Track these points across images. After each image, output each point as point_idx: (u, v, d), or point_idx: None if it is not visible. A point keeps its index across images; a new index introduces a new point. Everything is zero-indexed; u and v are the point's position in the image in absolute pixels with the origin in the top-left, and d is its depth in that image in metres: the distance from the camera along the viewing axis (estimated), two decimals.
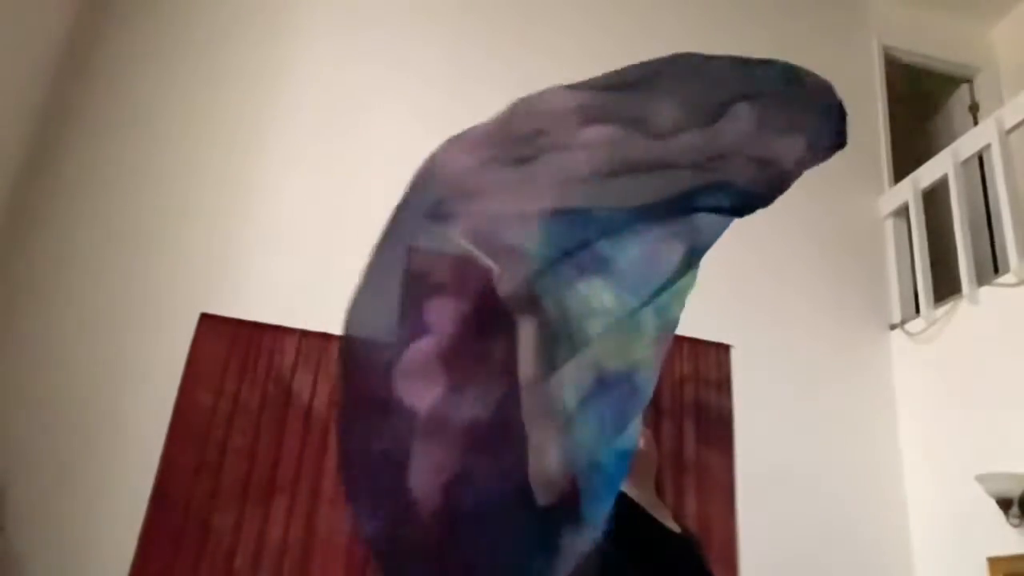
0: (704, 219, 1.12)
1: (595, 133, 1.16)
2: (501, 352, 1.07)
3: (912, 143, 5.14)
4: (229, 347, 3.41)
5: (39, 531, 3.01)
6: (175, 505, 3.12)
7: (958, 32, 5.31)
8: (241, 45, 4.01)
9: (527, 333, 1.06)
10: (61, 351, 3.29)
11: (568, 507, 1.03)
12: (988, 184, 4.52)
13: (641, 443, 1.65)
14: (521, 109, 1.19)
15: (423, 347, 1.08)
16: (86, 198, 3.55)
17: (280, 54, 4.03)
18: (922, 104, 5.55)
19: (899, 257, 4.46)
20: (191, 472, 3.17)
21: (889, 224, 4.56)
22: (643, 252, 1.13)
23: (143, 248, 3.53)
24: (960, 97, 5.32)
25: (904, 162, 4.71)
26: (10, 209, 3.40)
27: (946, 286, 4.12)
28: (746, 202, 1.13)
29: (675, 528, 1.63)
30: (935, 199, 4.42)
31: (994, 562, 3.38)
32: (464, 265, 1.10)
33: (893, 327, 4.30)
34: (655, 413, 3.72)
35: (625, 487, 1.58)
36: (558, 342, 1.07)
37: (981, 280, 3.87)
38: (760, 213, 1.16)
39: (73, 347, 3.30)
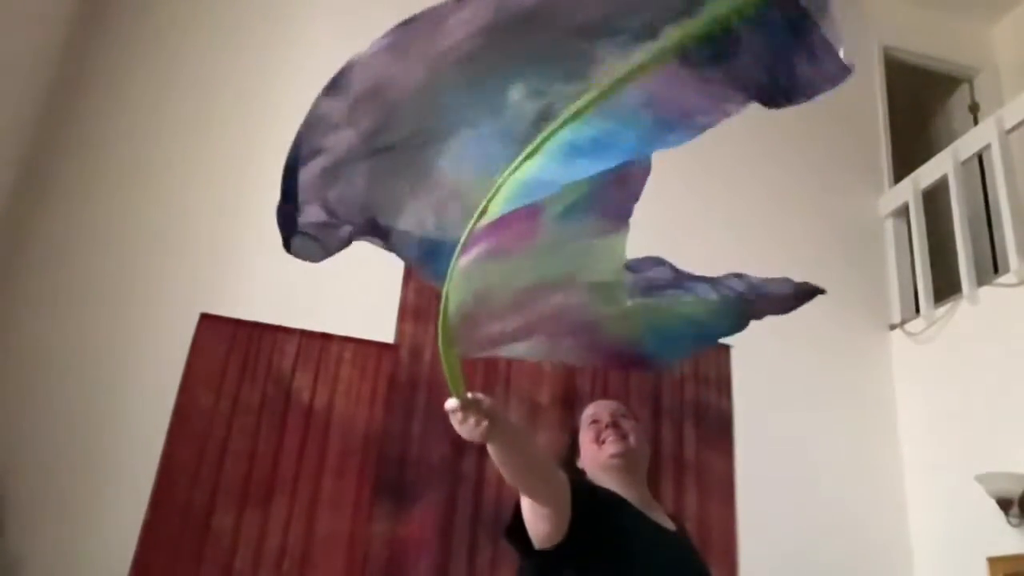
0: None
1: None
2: None
3: (912, 143, 5.14)
4: (229, 347, 3.41)
5: (39, 531, 3.01)
6: (175, 505, 3.12)
7: (958, 32, 5.30)
8: (240, 45, 4.01)
9: None
10: (61, 351, 3.29)
11: None
12: (988, 184, 4.51)
13: (632, 440, 1.65)
14: None
15: None
16: (86, 198, 3.55)
17: (280, 53, 4.03)
18: (922, 104, 5.55)
19: (899, 257, 4.45)
20: (191, 472, 3.17)
21: (889, 224, 4.56)
22: None
23: (143, 248, 3.53)
24: (960, 97, 5.31)
25: (904, 162, 4.71)
26: (10, 210, 3.40)
27: (946, 286, 4.12)
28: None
29: (670, 526, 1.62)
30: (935, 199, 4.42)
31: (994, 562, 3.38)
32: None
33: (893, 327, 4.30)
34: (655, 413, 3.72)
35: (617, 487, 1.58)
36: None
37: (981, 280, 3.87)
38: (760, 214, 1.16)
39: (73, 347, 3.30)
